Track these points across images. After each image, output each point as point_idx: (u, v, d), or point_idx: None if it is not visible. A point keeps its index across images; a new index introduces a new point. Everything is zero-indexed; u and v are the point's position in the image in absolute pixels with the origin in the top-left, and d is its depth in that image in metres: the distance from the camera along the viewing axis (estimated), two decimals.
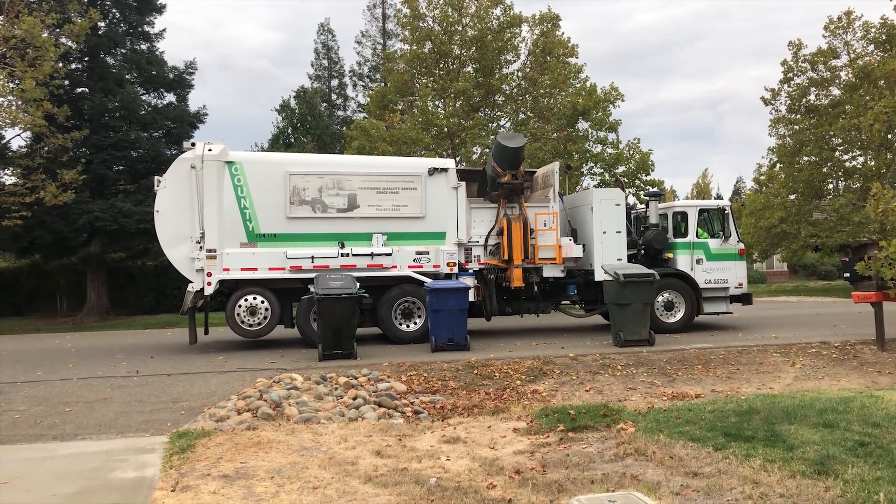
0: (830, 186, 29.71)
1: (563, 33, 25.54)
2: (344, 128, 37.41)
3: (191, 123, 26.12)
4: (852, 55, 27.52)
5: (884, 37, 26.31)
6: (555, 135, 24.53)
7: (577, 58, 25.81)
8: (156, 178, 12.97)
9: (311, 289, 11.42)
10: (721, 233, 14.47)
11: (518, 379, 9.78)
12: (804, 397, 7.86)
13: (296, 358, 11.61)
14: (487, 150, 24.91)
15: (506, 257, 13.32)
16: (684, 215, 14.66)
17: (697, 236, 14.45)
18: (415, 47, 25.69)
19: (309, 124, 34.78)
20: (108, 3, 24.85)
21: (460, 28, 25.12)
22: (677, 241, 14.47)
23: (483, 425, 7.37)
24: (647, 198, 15.42)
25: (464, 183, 13.56)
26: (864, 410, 6.97)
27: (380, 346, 12.87)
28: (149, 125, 24.78)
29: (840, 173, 28.74)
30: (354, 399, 8.51)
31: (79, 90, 24.37)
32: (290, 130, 34.78)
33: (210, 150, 12.62)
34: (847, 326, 14.38)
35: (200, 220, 12.41)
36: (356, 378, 9.43)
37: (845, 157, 28.61)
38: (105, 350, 13.86)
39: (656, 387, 9.48)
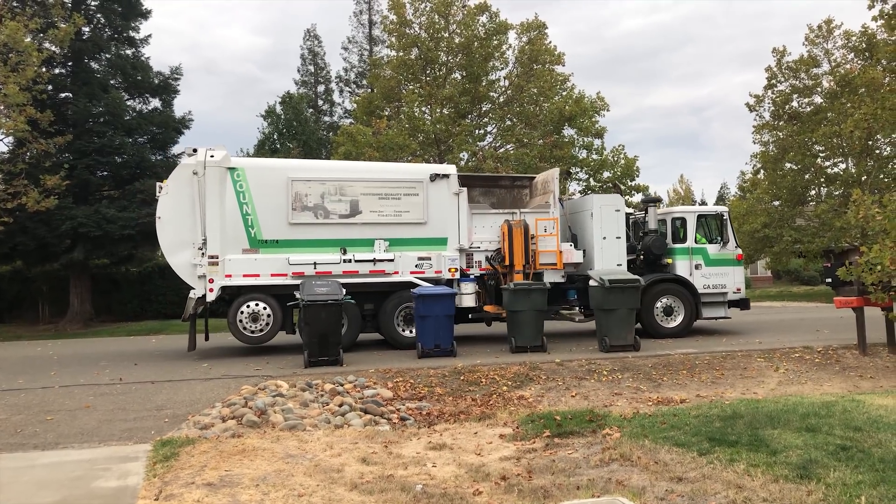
0: (813, 193, 30.02)
1: (550, 42, 25.69)
2: (331, 133, 37.36)
3: (176, 129, 25.98)
4: (833, 63, 27.90)
5: (864, 45, 26.68)
6: (541, 141, 24.63)
7: (563, 65, 25.99)
8: (158, 184, 12.98)
9: (297, 295, 11.39)
10: (719, 238, 14.65)
11: (504, 385, 9.79)
12: (787, 402, 7.93)
13: (281, 364, 11.56)
14: (475, 156, 25.06)
15: (507, 263, 13.39)
16: (683, 221, 14.83)
17: (696, 242, 14.60)
18: (401, 53, 25.74)
19: (295, 130, 34.69)
20: (93, 8, 24.71)
21: (447, 35, 25.19)
22: (676, 247, 14.62)
23: (469, 431, 7.37)
24: (646, 203, 15.55)
25: (465, 189, 13.69)
26: (846, 415, 7.04)
27: (367, 352, 12.84)
28: (133, 130, 24.60)
29: (822, 180, 29.06)
30: (340, 406, 8.48)
31: (62, 95, 24.18)
32: (275, 136, 34.67)
33: (212, 157, 12.65)
34: (829, 331, 14.51)
35: (202, 226, 12.43)
36: (342, 385, 9.40)
37: (827, 163, 28.95)
38: (88, 357, 13.72)
39: (642, 392, 9.53)
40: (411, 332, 13.05)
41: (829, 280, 13.05)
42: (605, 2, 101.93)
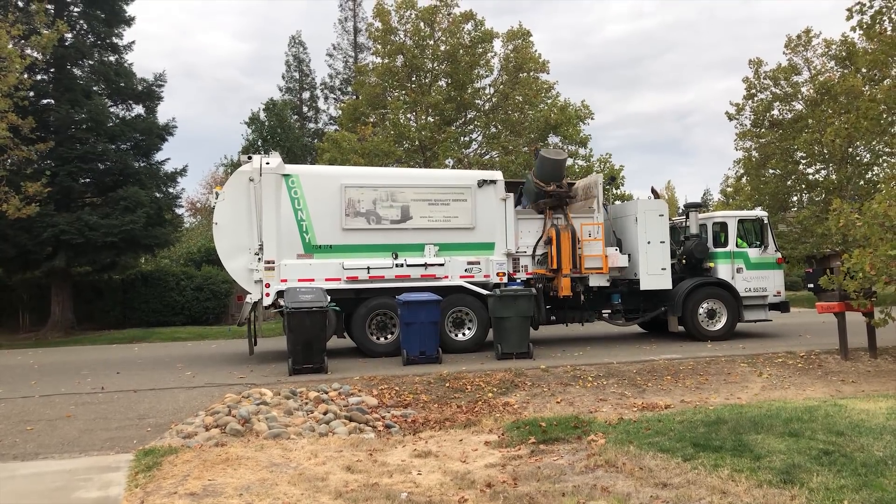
0: (795, 199, 30.32)
1: (535, 49, 25.80)
2: (316, 140, 37.28)
3: (160, 136, 25.72)
4: (813, 71, 28.24)
5: (843, 54, 27.03)
6: (525, 148, 24.70)
7: (548, 73, 26.12)
8: (214, 190, 13.19)
9: (282, 302, 11.35)
10: (759, 242, 14.87)
11: (490, 391, 9.78)
12: (770, 407, 7.98)
13: (265, 372, 11.49)
14: (460, 163, 25.12)
15: (554, 266, 13.52)
16: (724, 225, 15.05)
17: (737, 246, 14.82)
18: (387, 61, 25.74)
19: (279, 136, 34.56)
20: (76, 14, 24.51)
21: (432, 42, 25.24)
22: (718, 251, 14.85)
23: (454, 439, 7.35)
24: (688, 208, 15.73)
25: (512, 194, 13.89)
26: (829, 419, 7.10)
27: (351, 359, 12.80)
28: (116, 137, 24.36)
29: (803, 186, 29.36)
30: (325, 414, 8.44)
31: (45, 101, 23.91)
32: (259, 143, 34.54)
33: (267, 164, 12.84)
34: (812, 336, 14.65)
35: (259, 231, 12.59)
36: (326, 392, 9.35)
37: (809, 170, 29.27)
38: (69, 366, 13.56)
39: (626, 398, 9.56)
40: (457, 335, 13.38)
41: (812, 286, 13.22)
42: (589, 9, 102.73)
